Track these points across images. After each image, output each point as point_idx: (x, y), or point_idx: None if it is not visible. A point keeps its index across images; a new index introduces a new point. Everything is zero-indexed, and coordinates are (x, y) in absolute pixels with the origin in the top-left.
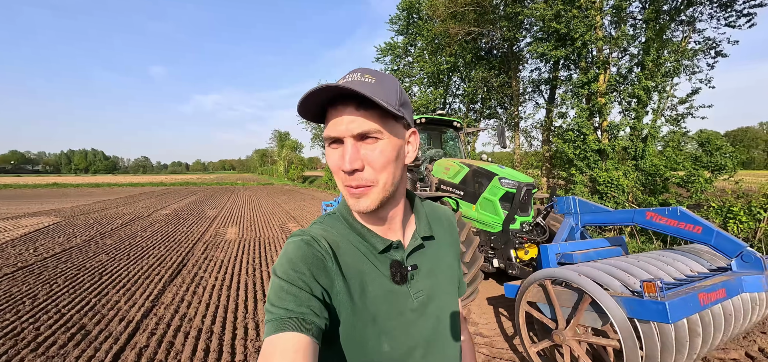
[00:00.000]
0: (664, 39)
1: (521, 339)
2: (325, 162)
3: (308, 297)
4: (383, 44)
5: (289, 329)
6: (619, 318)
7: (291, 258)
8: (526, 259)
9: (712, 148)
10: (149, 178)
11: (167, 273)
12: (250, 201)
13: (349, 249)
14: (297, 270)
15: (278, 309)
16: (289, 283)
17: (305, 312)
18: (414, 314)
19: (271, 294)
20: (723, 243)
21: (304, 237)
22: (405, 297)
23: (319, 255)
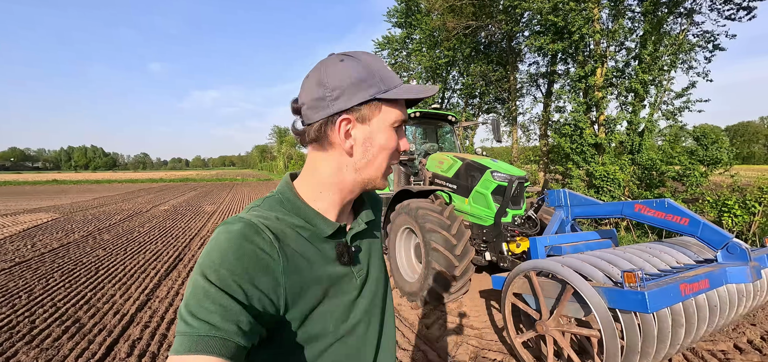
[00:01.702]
0: (661, 32)
1: (507, 329)
2: None
3: (238, 311)
4: (381, 38)
5: (206, 351)
6: (599, 308)
7: (224, 254)
8: (518, 252)
9: (708, 142)
10: (149, 174)
11: (163, 268)
12: (249, 197)
13: (293, 235)
14: (231, 271)
15: (198, 321)
16: (217, 289)
17: (231, 332)
18: (356, 292)
19: (192, 299)
20: (709, 235)
21: (242, 227)
22: (349, 277)
23: (260, 251)
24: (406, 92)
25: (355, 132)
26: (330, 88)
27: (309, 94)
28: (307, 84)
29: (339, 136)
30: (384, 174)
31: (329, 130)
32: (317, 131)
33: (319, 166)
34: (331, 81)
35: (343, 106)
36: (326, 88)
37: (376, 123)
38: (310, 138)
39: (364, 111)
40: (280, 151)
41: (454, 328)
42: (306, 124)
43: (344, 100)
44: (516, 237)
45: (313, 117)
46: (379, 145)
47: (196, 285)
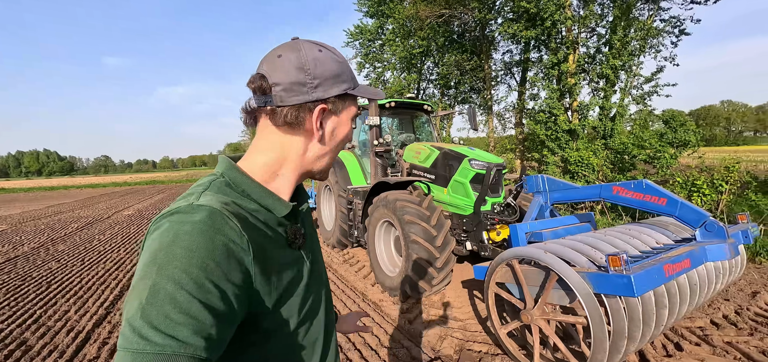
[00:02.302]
0: (630, 17)
1: (491, 320)
2: None
3: (210, 322)
4: (353, 27)
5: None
6: (584, 294)
7: (191, 250)
8: (498, 240)
9: (677, 125)
10: (112, 177)
11: (126, 278)
12: None
13: (252, 220)
14: (203, 271)
15: (162, 336)
16: (188, 295)
17: (200, 348)
18: (308, 275)
19: (151, 307)
20: (687, 214)
21: (207, 215)
22: (301, 261)
23: (231, 243)
24: (365, 91)
25: (326, 122)
26: (311, 76)
27: (286, 76)
28: (283, 65)
29: (314, 123)
30: (331, 165)
31: (305, 115)
32: (293, 115)
33: (281, 147)
34: (313, 69)
35: (322, 95)
36: (308, 74)
37: (344, 116)
38: (285, 120)
39: (337, 104)
40: None
41: (437, 321)
42: (277, 104)
43: (322, 90)
44: (496, 225)
45: (288, 100)
46: (342, 136)
47: (157, 289)
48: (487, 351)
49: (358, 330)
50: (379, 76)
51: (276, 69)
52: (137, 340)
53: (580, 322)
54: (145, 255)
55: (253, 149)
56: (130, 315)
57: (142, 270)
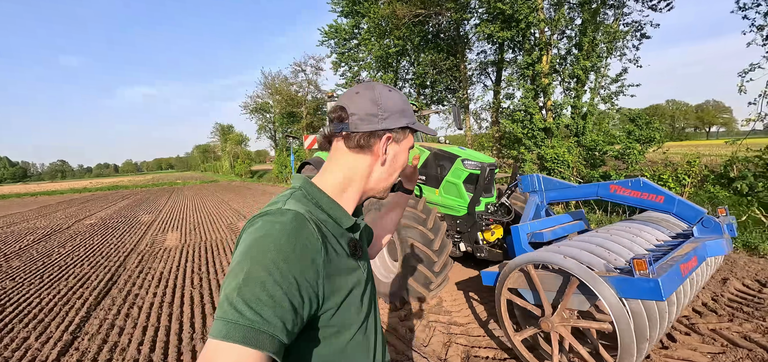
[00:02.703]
0: (597, 21)
1: (504, 328)
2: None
3: (289, 310)
4: (327, 26)
5: (254, 345)
6: (611, 301)
7: (280, 244)
8: (493, 240)
9: (643, 122)
10: (70, 183)
11: (92, 296)
12: (193, 202)
13: (323, 228)
14: (288, 265)
15: (252, 312)
16: (274, 283)
17: (278, 331)
18: (364, 284)
19: (246, 287)
20: (684, 211)
21: (293, 218)
22: (359, 271)
23: (310, 244)
24: (423, 129)
25: (390, 148)
26: (382, 109)
27: (363, 108)
28: (360, 100)
29: (381, 148)
30: (389, 189)
31: (374, 140)
32: (366, 139)
33: (351, 166)
34: (384, 104)
35: (389, 125)
36: (380, 107)
37: (403, 145)
38: (358, 143)
39: (399, 134)
40: (224, 149)
41: (439, 328)
42: (352, 130)
43: (390, 122)
44: (490, 225)
45: (362, 127)
46: (400, 163)
47: (251, 274)
48: (494, 357)
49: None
50: (355, 76)
51: (354, 102)
52: (233, 313)
53: (605, 328)
54: (241, 246)
55: (326, 169)
56: (229, 291)
57: (240, 257)
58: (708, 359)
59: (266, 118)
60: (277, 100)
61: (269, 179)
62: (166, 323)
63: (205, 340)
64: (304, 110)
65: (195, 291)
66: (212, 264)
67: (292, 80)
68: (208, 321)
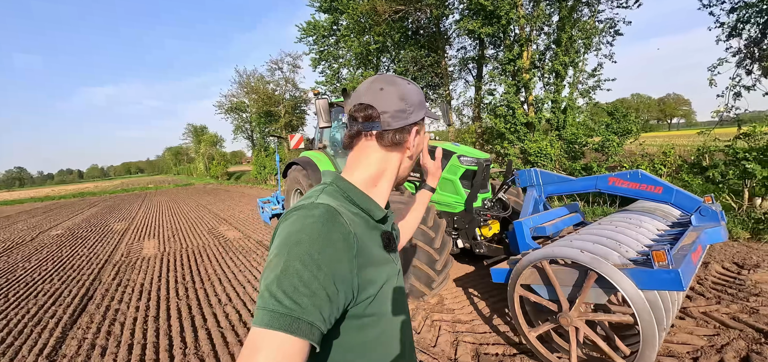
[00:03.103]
0: (574, 18)
1: (518, 324)
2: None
3: (325, 300)
4: (305, 23)
5: (293, 331)
6: (631, 293)
7: (313, 237)
8: (490, 235)
9: (620, 115)
10: (30, 192)
11: (67, 313)
12: (168, 207)
13: (356, 221)
14: (322, 257)
15: (292, 302)
16: (310, 274)
17: (316, 319)
18: (396, 277)
19: (285, 278)
20: (682, 200)
21: (324, 211)
22: (392, 264)
23: (342, 237)
24: (430, 114)
25: (415, 139)
26: (409, 104)
27: (392, 105)
28: (388, 97)
29: (411, 140)
30: None
31: (405, 135)
32: (398, 135)
33: (385, 161)
34: (409, 98)
35: (416, 118)
36: (407, 103)
37: (422, 132)
38: (392, 140)
39: (420, 124)
40: (198, 151)
41: (444, 327)
42: (384, 128)
43: (415, 114)
44: (488, 220)
45: (393, 124)
46: (421, 149)
47: (289, 266)
48: (504, 353)
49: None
50: (335, 73)
51: (381, 100)
52: (273, 302)
53: (625, 320)
54: (278, 239)
55: (354, 166)
56: (268, 282)
57: (277, 250)
58: (705, 341)
59: (243, 118)
60: (253, 99)
61: (247, 180)
62: (153, 339)
63: (199, 356)
64: (282, 109)
65: (182, 302)
66: (197, 273)
67: (268, 78)
68: (201, 334)
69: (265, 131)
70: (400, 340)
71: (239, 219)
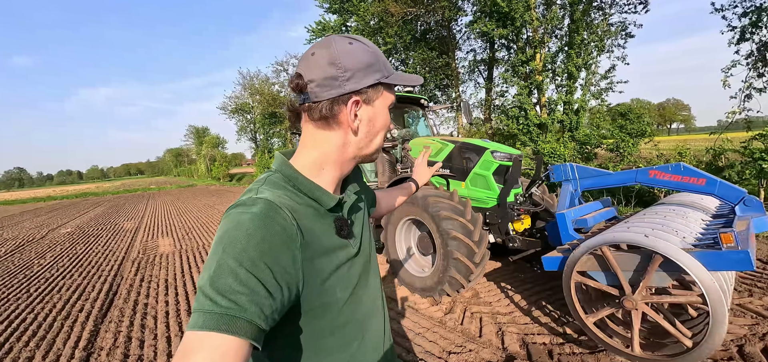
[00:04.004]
0: (587, 21)
1: (575, 311)
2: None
3: (264, 294)
4: (314, 24)
5: (229, 331)
6: (701, 274)
7: (250, 233)
8: (521, 230)
9: (634, 117)
10: (30, 192)
11: (95, 308)
12: (175, 207)
13: (302, 210)
14: (259, 253)
15: (226, 300)
16: (246, 271)
17: (255, 314)
18: (353, 262)
19: (217, 276)
20: (726, 191)
21: (262, 207)
22: (347, 248)
23: (282, 230)
24: (401, 79)
25: (361, 112)
26: (343, 69)
27: (319, 72)
28: (316, 62)
29: (348, 116)
30: (378, 150)
31: (339, 108)
32: (328, 109)
33: (322, 142)
34: (343, 62)
35: (354, 87)
36: (339, 68)
37: (379, 104)
38: (320, 115)
39: (370, 93)
40: (199, 153)
41: (485, 318)
42: (313, 100)
43: (355, 82)
44: (521, 215)
45: (322, 95)
46: (380, 125)
47: (223, 264)
48: (551, 342)
49: (432, 171)
50: None
51: (310, 66)
52: (207, 303)
53: (694, 301)
54: (215, 239)
55: (301, 146)
56: (202, 283)
57: (212, 249)
58: (746, 330)
59: (247, 119)
60: (257, 100)
61: (249, 181)
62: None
63: None
64: (287, 111)
65: None
66: None
67: (273, 80)
68: None
69: (270, 132)
70: (360, 324)
71: None
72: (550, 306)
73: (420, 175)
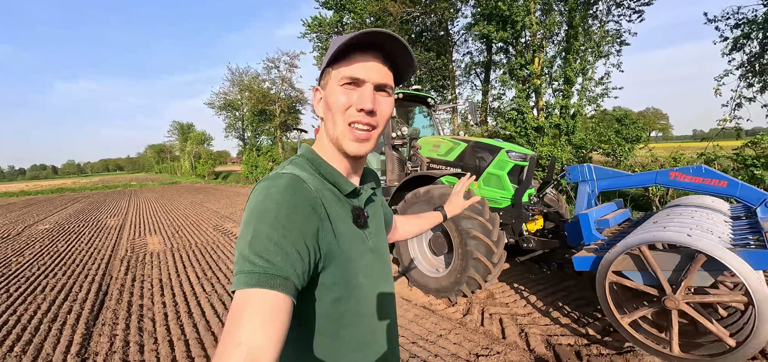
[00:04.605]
0: (584, 27)
1: (609, 312)
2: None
3: (297, 257)
4: (310, 18)
5: (270, 286)
6: (747, 273)
7: (279, 203)
8: (533, 230)
9: (629, 122)
10: (3, 186)
11: (85, 309)
12: (161, 204)
13: (324, 192)
14: (289, 219)
15: (264, 261)
16: (279, 234)
17: (290, 273)
18: (370, 253)
19: (255, 241)
20: (747, 193)
21: (289, 179)
22: (362, 239)
23: (308, 198)
24: (335, 42)
25: (321, 100)
26: (322, 67)
27: None
28: None
29: (316, 105)
30: (347, 135)
31: (315, 100)
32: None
33: (322, 133)
34: (324, 61)
35: (324, 71)
36: (322, 66)
37: (329, 86)
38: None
39: (323, 80)
40: (184, 149)
41: (505, 320)
42: None
43: (321, 76)
44: (535, 215)
45: None
46: (331, 105)
47: (258, 231)
48: (577, 343)
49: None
50: None
51: None
52: (248, 265)
53: (739, 300)
54: (246, 210)
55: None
56: (241, 249)
57: (245, 219)
58: None
59: (235, 116)
60: (247, 97)
61: (235, 180)
62: (194, 335)
63: None
64: (277, 108)
65: (214, 299)
66: (217, 269)
67: (264, 76)
68: None
69: (259, 130)
70: (378, 316)
71: None
72: (567, 306)
73: (454, 206)
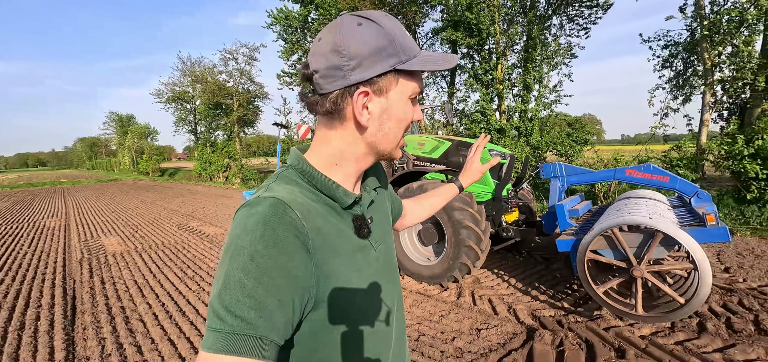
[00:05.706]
0: (541, 39)
1: (587, 284)
2: (180, 151)
3: (274, 306)
4: (276, 10)
5: (241, 352)
6: (693, 246)
7: (257, 238)
8: (511, 221)
9: (579, 126)
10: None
11: (56, 315)
12: (104, 203)
13: (315, 209)
14: (267, 257)
15: (233, 318)
16: (253, 280)
17: (266, 329)
18: (374, 263)
19: (225, 292)
20: (684, 187)
21: (268, 207)
22: (368, 248)
23: (290, 233)
24: (426, 63)
25: (371, 105)
26: (347, 57)
27: (323, 61)
28: (321, 49)
29: (356, 110)
30: (399, 145)
31: (345, 102)
32: (333, 103)
33: (332, 138)
34: (349, 48)
35: (361, 77)
36: (343, 56)
37: (394, 95)
38: (325, 109)
39: (382, 83)
40: (123, 144)
41: (494, 300)
42: (319, 93)
43: (361, 71)
44: (512, 208)
45: (327, 87)
46: (396, 118)
47: (229, 277)
48: (556, 314)
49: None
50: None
51: (315, 54)
52: (216, 321)
53: (686, 267)
54: (224, 246)
55: (314, 141)
56: (211, 299)
57: (221, 259)
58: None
59: (187, 109)
60: (200, 89)
61: (187, 177)
62: (194, 333)
63: None
64: (235, 102)
65: (203, 295)
66: (198, 268)
67: (220, 68)
68: None
69: (213, 125)
70: (387, 334)
71: (212, 216)
72: (542, 285)
73: (472, 172)
